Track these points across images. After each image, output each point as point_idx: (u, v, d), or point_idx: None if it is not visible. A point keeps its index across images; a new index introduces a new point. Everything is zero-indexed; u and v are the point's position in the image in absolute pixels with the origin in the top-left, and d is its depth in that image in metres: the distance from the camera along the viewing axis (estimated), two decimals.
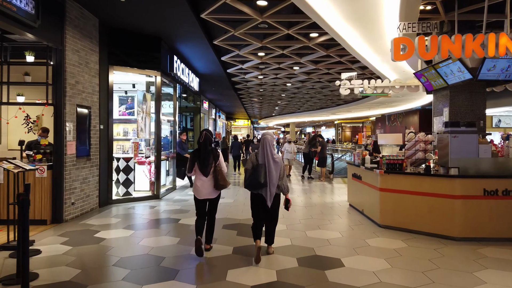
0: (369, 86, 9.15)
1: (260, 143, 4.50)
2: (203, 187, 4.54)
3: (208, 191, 4.56)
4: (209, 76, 13.84)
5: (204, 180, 4.54)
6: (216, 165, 4.55)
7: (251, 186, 4.39)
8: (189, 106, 18.52)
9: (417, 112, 25.85)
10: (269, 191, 4.34)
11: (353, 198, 7.79)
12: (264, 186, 4.30)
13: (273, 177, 4.33)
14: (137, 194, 8.80)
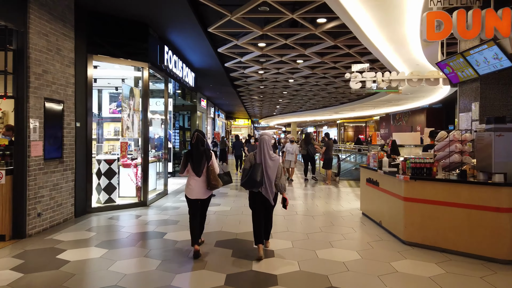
0: (383, 79, 8.14)
1: (258, 143, 4.58)
2: (196, 187, 4.60)
3: (201, 191, 4.62)
4: (205, 71, 12.83)
5: (197, 180, 4.60)
6: (208, 165, 4.61)
7: (247, 185, 4.47)
8: (186, 104, 17.54)
9: (424, 111, 24.84)
10: (268, 189, 4.45)
11: (368, 206, 6.77)
12: (260, 184, 4.40)
13: (270, 176, 4.46)
14: (121, 201, 7.79)
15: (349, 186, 11.36)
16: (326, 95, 20.60)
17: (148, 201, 7.90)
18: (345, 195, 9.50)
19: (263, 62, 12.06)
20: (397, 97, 19.14)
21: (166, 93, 9.69)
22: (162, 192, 9.19)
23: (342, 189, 10.64)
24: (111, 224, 6.18)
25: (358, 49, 9.90)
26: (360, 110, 28.52)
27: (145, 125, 7.96)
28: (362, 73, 8.25)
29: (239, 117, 39.79)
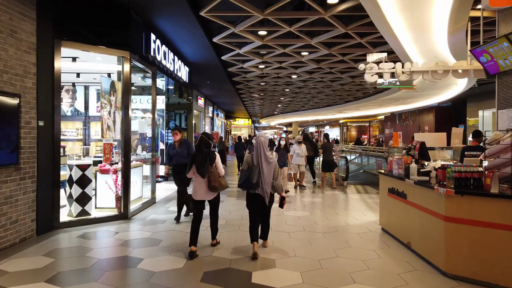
0: (403, 71, 6.99)
1: (255, 145, 4.64)
2: (200, 188, 4.70)
3: (205, 192, 4.70)
4: (200, 65, 11.70)
5: (202, 181, 4.69)
6: (211, 166, 4.65)
7: (244, 186, 4.53)
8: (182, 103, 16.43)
9: (432, 109, 23.69)
10: (264, 190, 4.55)
11: (390, 221, 5.64)
12: (257, 186, 4.49)
13: (267, 177, 4.55)
14: (98, 213, 6.67)
15: (357, 192, 10.23)
16: (331, 93, 19.46)
17: (130, 212, 6.77)
18: (356, 203, 8.36)
19: (264, 55, 10.92)
20: (405, 95, 18.01)
21: (154, 88, 8.56)
22: (149, 200, 8.06)
23: (351, 196, 9.50)
24: (79, 245, 5.05)
25: (371, 38, 8.76)
26: (365, 109, 27.38)
27: (126, 124, 6.83)
28: (379, 63, 7.10)
29: (239, 116, 38.66)
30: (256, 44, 9.33)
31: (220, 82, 14.95)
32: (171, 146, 6.74)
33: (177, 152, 6.58)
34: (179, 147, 6.59)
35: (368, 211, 7.50)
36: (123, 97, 6.84)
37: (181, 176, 6.39)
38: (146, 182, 8.77)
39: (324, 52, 10.15)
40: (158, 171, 12.33)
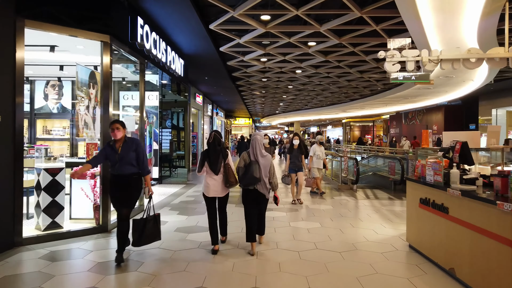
0: (430, 59, 5.98)
1: (251, 143, 4.76)
2: (213, 185, 4.70)
3: (218, 189, 4.72)
4: (197, 58, 10.71)
5: (215, 178, 4.71)
6: (225, 163, 4.69)
7: (246, 182, 4.58)
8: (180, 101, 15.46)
9: (441, 108, 22.69)
10: (263, 186, 4.67)
11: (422, 239, 4.63)
12: (259, 181, 4.57)
13: (263, 172, 4.65)
14: (73, 225, 5.68)
15: (368, 197, 9.24)
16: (336, 90, 18.45)
17: (111, 224, 5.78)
18: (370, 212, 7.36)
19: (267, 45, 9.91)
20: (415, 93, 17.02)
21: (142, 81, 7.56)
22: (136, 208, 7.05)
23: (362, 202, 8.50)
24: (38, 269, 4.05)
25: (388, 24, 7.76)
26: (370, 108, 26.38)
27: (106, 122, 5.82)
28: (402, 50, 6.10)
29: (239, 116, 37.67)
30: (258, 32, 8.32)
31: (219, 78, 13.95)
32: (109, 148, 4.42)
33: (120, 157, 4.33)
34: (123, 149, 4.36)
35: (387, 222, 6.50)
36: (103, 90, 5.83)
37: (126, 194, 4.39)
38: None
39: (333, 42, 9.14)
40: (151, 173, 11.36)
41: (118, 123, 4.42)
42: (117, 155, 4.34)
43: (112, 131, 4.35)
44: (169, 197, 8.85)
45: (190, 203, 8.08)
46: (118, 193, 4.40)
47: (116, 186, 4.40)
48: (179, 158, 16.48)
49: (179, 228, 5.90)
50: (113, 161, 4.37)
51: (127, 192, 4.39)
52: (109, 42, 5.69)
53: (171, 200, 8.43)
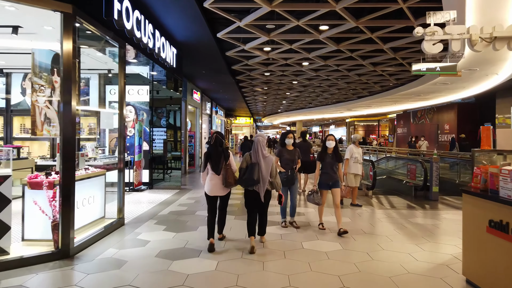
0: (481, 37, 4.71)
1: (253, 144, 4.86)
2: (214, 185, 4.83)
3: (218, 188, 4.84)
4: (191, 46, 9.46)
5: (216, 178, 4.83)
6: (226, 164, 4.81)
7: (245, 183, 4.70)
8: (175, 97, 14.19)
9: (454, 106, 21.36)
10: (262, 187, 4.69)
11: (493, 276, 3.35)
12: (257, 182, 4.64)
13: (264, 174, 4.69)
14: (25, 249, 4.41)
15: (386, 205, 8.00)
16: (344, 86, 17.17)
17: (76, 247, 4.51)
18: (397, 226, 6.08)
19: (271, 31, 8.63)
20: (429, 89, 15.73)
21: (122, 70, 6.26)
22: (114, 223, 5.79)
23: (382, 213, 7.22)
24: None
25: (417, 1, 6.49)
26: (377, 106, 25.11)
27: (66, 116, 4.54)
28: (444, 27, 4.83)
29: (240, 115, 36.40)
30: (262, 11, 7.04)
31: (218, 71, 12.69)
32: None
33: None
34: None
35: (421, 241, 5.23)
36: (64, 78, 4.54)
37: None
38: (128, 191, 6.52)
39: (349, 25, 7.86)
40: (140, 177, 10.11)
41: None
42: None
43: None
44: (158, 206, 7.58)
45: (181, 214, 6.81)
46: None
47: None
48: (176, 159, 15.25)
49: (162, 252, 4.63)
50: None
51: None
52: (71, 13, 4.42)
53: (159, 210, 7.16)
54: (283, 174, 5.72)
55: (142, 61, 8.58)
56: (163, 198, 8.62)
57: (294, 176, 5.83)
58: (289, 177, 5.76)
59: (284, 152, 5.86)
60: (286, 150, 5.88)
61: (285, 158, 5.83)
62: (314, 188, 5.76)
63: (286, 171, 5.77)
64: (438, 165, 8.84)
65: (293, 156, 5.84)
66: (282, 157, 5.84)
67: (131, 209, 7.21)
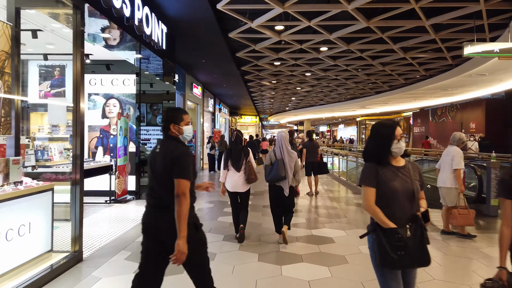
0: None
1: (276, 140, 5.01)
2: (234, 181, 5.05)
3: (238, 184, 5.04)
4: (186, 24, 7.66)
5: (236, 174, 5.05)
6: (247, 161, 5.05)
7: (273, 180, 4.82)
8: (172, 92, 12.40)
9: (482, 103, 19.33)
10: (287, 182, 4.79)
11: None
12: (284, 178, 4.76)
13: (289, 169, 4.79)
14: None
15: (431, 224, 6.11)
16: (362, 80, 15.27)
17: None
18: (460, 259, 4.23)
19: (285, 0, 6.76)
20: (462, 82, 13.77)
21: (77, 45, 4.41)
22: (66, 258, 3.98)
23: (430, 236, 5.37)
24: None
25: None
26: (395, 103, 23.16)
27: None
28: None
29: (245, 113, 34.59)
30: None
31: (220, 60, 10.89)
32: None
33: None
34: None
35: None
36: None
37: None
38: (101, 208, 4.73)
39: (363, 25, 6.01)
40: (125, 184, 8.33)
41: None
42: None
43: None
44: (138, 227, 5.76)
45: None
46: None
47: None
48: None
49: None
50: None
51: None
52: None
53: (138, 234, 5.35)
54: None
55: (129, 45, 6.83)
56: None
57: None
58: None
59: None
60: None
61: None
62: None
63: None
64: (497, 172, 6.97)
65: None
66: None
67: (103, 231, 5.42)
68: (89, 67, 8.85)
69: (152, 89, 10.33)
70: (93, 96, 8.90)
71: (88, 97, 8.89)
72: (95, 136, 8.87)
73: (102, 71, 8.94)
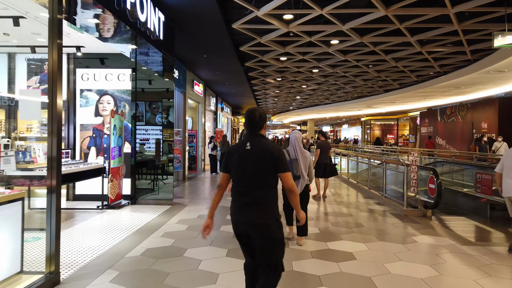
0: None
1: (290, 141, 4.94)
2: None
3: None
4: (186, 13, 6.98)
5: None
6: None
7: None
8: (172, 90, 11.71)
9: (494, 102, 18.56)
10: (301, 182, 4.77)
11: None
12: (298, 178, 4.75)
13: (303, 169, 4.81)
14: None
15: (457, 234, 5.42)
16: (372, 77, 14.55)
17: None
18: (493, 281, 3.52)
19: None
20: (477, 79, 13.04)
21: (54, 30, 3.71)
22: (38, 282, 3.29)
23: (465, 251, 4.65)
24: None
25: None
26: (403, 102, 22.43)
27: None
28: None
29: None
30: None
31: (223, 55, 10.21)
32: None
33: None
34: None
35: None
36: None
37: None
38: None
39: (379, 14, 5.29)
40: (120, 188, 7.65)
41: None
42: None
43: None
44: (131, 238, 5.09)
45: (161, 258, 4.29)
46: None
47: None
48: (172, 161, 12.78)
49: None
50: None
51: None
52: None
53: (129, 247, 4.67)
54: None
55: (124, 37, 6.17)
56: (145, 221, 6.15)
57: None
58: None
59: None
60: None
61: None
62: None
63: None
64: None
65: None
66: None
67: (89, 244, 4.74)
68: (81, 61, 8.19)
69: (151, 87, 9.65)
70: (86, 93, 8.22)
71: (80, 93, 8.23)
72: (88, 136, 8.19)
73: (96, 65, 8.27)
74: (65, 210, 6.97)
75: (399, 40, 8.93)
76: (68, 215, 6.58)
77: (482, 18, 7.30)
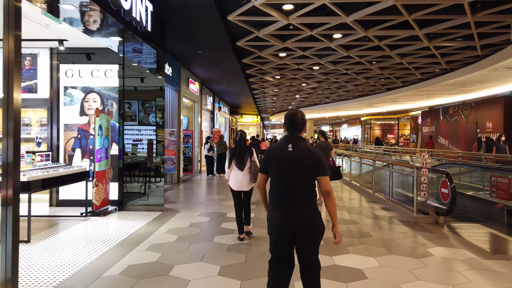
0: None
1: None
2: (239, 180, 5.13)
3: (243, 183, 5.14)
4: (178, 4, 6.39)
5: (240, 173, 5.14)
6: (251, 160, 5.18)
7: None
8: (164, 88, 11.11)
9: (499, 100, 18.02)
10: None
11: None
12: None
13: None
14: None
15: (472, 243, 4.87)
16: (374, 75, 13.99)
17: None
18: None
19: None
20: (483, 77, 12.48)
21: (8, 27, 3.12)
22: None
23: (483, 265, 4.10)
24: None
25: None
26: (404, 101, 21.89)
27: None
28: None
29: (246, 112, 33.33)
30: None
31: (218, 50, 9.63)
32: None
33: None
34: None
35: None
36: None
37: None
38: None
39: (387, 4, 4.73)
40: (106, 193, 7.07)
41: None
42: None
43: None
44: (112, 252, 4.51)
45: (143, 278, 3.72)
46: None
47: None
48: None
49: None
50: None
51: None
52: None
53: (109, 263, 4.08)
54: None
55: (112, 30, 5.60)
56: (131, 230, 5.58)
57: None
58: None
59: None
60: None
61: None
62: None
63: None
64: None
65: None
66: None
67: (63, 259, 4.16)
68: (66, 56, 7.61)
69: (144, 85, 9.05)
70: (70, 90, 7.64)
71: (64, 91, 7.64)
72: (72, 137, 7.62)
73: (83, 61, 7.69)
74: (46, 218, 6.39)
75: (406, 33, 8.37)
76: (48, 223, 6.01)
77: (498, 9, 6.74)
